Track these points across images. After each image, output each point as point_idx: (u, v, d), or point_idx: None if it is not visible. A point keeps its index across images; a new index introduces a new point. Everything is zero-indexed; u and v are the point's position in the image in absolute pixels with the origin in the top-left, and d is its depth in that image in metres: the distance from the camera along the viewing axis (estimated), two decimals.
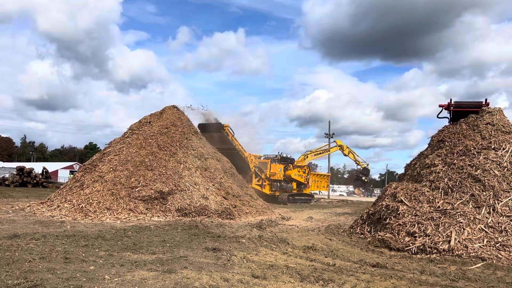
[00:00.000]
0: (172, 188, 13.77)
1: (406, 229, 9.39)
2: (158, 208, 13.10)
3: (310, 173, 30.99)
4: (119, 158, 14.76)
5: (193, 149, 16.15)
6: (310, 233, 11.32)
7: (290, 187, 28.22)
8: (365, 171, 31.68)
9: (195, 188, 14.26)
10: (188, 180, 14.49)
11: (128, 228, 10.21)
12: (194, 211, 13.23)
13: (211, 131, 20.37)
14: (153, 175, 14.00)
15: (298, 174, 28.70)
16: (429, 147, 12.36)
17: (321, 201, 35.29)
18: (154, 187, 13.55)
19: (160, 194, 13.42)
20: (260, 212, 15.97)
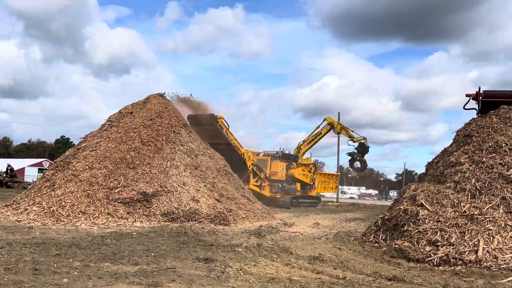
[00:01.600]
0: (157, 189, 13.78)
1: (427, 237, 9.43)
2: (141, 212, 13.11)
3: (316, 172, 31.08)
4: (96, 154, 14.76)
5: (181, 144, 16.17)
6: (317, 241, 11.36)
7: (293, 188, 28.30)
8: (361, 147, 29.95)
9: (184, 189, 14.28)
10: (176, 180, 14.51)
11: (107, 235, 10.22)
12: (182, 215, 13.26)
13: (202, 123, 20.36)
14: (136, 174, 14.01)
15: (303, 174, 28.78)
16: (454, 143, 12.40)
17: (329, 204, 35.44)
18: (137, 187, 13.56)
19: (143, 196, 13.43)
20: (258, 217, 16.02)
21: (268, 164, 26.79)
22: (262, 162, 26.54)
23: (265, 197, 25.56)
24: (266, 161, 26.95)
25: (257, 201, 17.58)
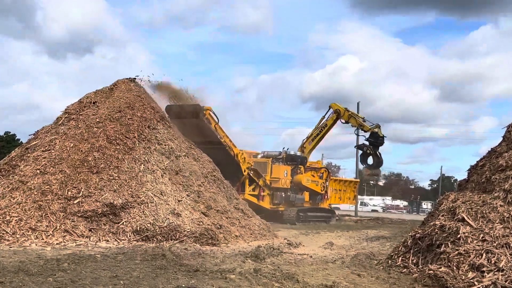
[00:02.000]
0: (127, 199, 13.78)
1: (469, 260, 9.45)
2: (107, 229, 13.10)
3: (329, 178, 31.15)
4: (50, 156, 14.74)
5: (158, 142, 16.18)
6: (330, 266, 11.37)
7: (300, 199, 28.33)
8: (374, 137, 29.74)
9: (161, 199, 14.28)
10: (151, 188, 14.51)
11: (64, 257, 10.21)
12: (160, 233, 13.26)
13: (185, 116, 20.35)
14: (100, 181, 14.00)
15: (312, 180, 28.82)
16: (504, 142, 12.42)
17: (346, 219, 35.46)
18: (102, 198, 13.56)
19: (110, 208, 13.43)
20: (256, 235, 16.03)
21: (269, 168, 26.80)
22: (261, 165, 26.55)
23: (265, 209, 25.54)
24: (266, 164, 26.95)
25: (254, 215, 17.57)
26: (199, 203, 15.01)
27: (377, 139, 29.59)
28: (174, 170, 15.62)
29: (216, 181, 16.98)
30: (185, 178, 15.60)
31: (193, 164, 16.46)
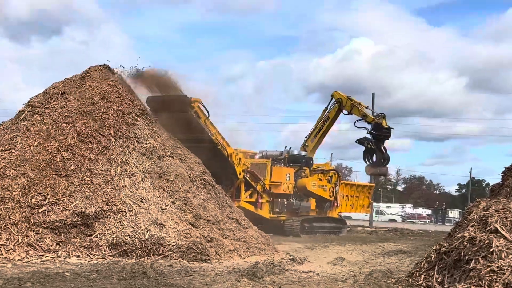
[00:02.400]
0: (102, 207, 13.78)
1: (504, 278, 9.46)
2: (78, 243, 13.09)
3: (339, 182, 31.15)
4: (10, 156, 14.73)
5: (138, 140, 16.19)
6: (340, 285, 11.37)
7: (305, 206, 28.31)
8: (377, 129, 29.69)
9: (141, 207, 14.28)
10: (130, 194, 14.51)
11: (27, 276, 10.19)
12: (140, 247, 13.24)
13: (170, 109, 20.31)
14: (70, 186, 14.00)
15: (319, 185, 28.81)
16: None
17: (359, 230, 35.46)
18: (71, 206, 13.55)
19: (81, 218, 13.42)
20: (253, 249, 16.03)
21: (268, 171, 26.77)
22: (259, 167, 26.53)
23: (264, 219, 25.51)
24: (265, 166, 26.92)
25: (251, 226, 17.56)
26: (186, 212, 14.99)
27: (381, 131, 29.53)
28: (156, 173, 15.59)
29: (206, 186, 16.96)
30: (169, 183, 15.57)
31: (179, 166, 16.43)
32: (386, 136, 29.78)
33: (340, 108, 29.98)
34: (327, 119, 30.39)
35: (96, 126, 15.71)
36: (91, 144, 15.21)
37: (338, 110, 30.21)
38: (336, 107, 30.15)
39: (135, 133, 16.32)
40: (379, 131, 29.39)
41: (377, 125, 29.35)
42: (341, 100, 29.93)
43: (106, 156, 15.16)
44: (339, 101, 30.00)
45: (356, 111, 29.67)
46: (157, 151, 16.28)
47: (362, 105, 29.99)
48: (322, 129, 30.52)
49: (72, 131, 15.38)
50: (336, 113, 30.30)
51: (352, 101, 29.88)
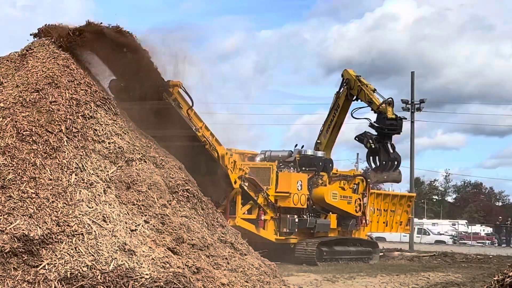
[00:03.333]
0: (51, 229, 13.71)
1: None
2: (20, 276, 13.02)
3: (369, 192, 31.15)
4: None
5: (99, 139, 16.16)
6: None
7: (323, 225, 28.36)
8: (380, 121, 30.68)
9: (104, 228, 14.25)
10: (89, 210, 14.48)
11: None
12: (103, 281, 13.20)
13: (141, 96, 20.33)
14: (8, 201, 13.91)
15: (342, 196, 28.85)
16: None
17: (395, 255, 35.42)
18: (10, 227, 13.48)
19: (23, 243, 13.33)
20: (255, 282, 16.04)
21: (273, 177, 26.82)
22: (261, 173, 26.61)
23: (269, 242, 25.56)
24: (269, 171, 26.99)
25: (251, 252, 17.57)
26: (164, 234, 14.97)
27: (384, 123, 29.72)
28: (124, 183, 15.58)
29: (190, 199, 16.96)
30: (141, 195, 15.55)
31: (153, 173, 16.44)
32: (392, 129, 30.04)
33: (350, 92, 30.31)
34: (338, 107, 30.67)
35: (42, 120, 15.60)
36: (35, 145, 15.07)
37: (347, 94, 30.51)
38: (345, 90, 30.48)
39: (94, 129, 16.25)
40: (382, 123, 29.66)
41: (380, 115, 29.63)
42: (349, 82, 30.31)
43: (56, 160, 15.06)
44: (346, 82, 30.38)
45: (362, 95, 30.04)
46: (124, 153, 16.24)
47: (369, 87, 30.27)
48: (333, 121, 30.79)
49: (9, 128, 15.27)
50: (346, 98, 30.61)
51: (360, 81, 30.19)
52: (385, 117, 29.67)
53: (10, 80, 16.67)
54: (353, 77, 30.60)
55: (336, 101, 31.43)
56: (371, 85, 30.77)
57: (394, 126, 30.16)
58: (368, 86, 30.44)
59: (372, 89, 30.55)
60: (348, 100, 31.42)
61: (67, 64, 17.37)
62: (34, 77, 16.67)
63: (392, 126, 30.06)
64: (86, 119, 16.34)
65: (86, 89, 17.03)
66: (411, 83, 53.01)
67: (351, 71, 31.52)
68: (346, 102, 31.30)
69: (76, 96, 16.60)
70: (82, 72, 17.69)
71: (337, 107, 31.21)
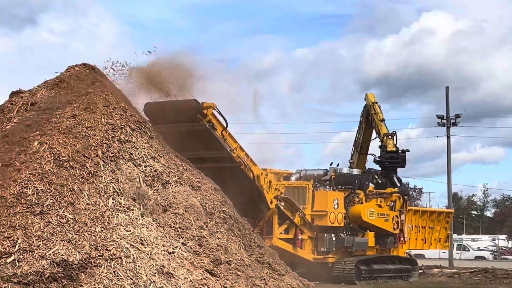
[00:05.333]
0: (89, 253, 13.78)
1: None
2: None
3: (406, 209, 30.90)
4: None
5: (135, 163, 16.29)
6: None
7: (361, 243, 28.17)
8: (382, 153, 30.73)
9: (142, 252, 14.31)
10: (127, 234, 14.55)
11: None
12: None
13: (176, 119, 20.42)
14: (46, 226, 14.01)
15: (379, 214, 28.65)
16: None
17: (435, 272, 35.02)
18: (50, 252, 13.56)
19: (63, 268, 13.40)
20: None
21: (309, 197, 26.72)
22: (297, 192, 26.53)
23: (306, 261, 25.45)
24: (305, 190, 26.90)
25: (288, 272, 17.50)
26: (202, 256, 14.98)
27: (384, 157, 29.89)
28: (160, 206, 15.63)
29: (227, 220, 16.94)
30: (178, 217, 15.59)
31: (190, 195, 16.46)
32: (393, 163, 30.06)
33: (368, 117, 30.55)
34: (362, 130, 30.86)
35: (79, 146, 15.75)
36: (73, 170, 15.20)
37: (367, 118, 30.67)
38: (364, 114, 30.67)
39: (130, 153, 16.37)
40: (383, 156, 29.85)
41: (382, 148, 29.83)
42: (367, 107, 30.49)
43: (93, 185, 15.16)
44: (365, 106, 30.57)
45: (374, 124, 30.26)
46: (160, 176, 16.31)
47: (379, 116, 30.38)
48: (359, 141, 30.87)
49: (47, 154, 15.39)
50: (366, 121, 30.73)
51: (375, 107, 30.39)
52: (384, 150, 29.93)
53: (47, 107, 16.82)
54: (370, 102, 30.77)
55: (360, 124, 31.62)
56: (382, 114, 30.86)
57: (395, 159, 30.32)
58: (378, 115, 30.56)
59: (381, 118, 30.66)
60: (369, 123, 31.55)
61: (103, 89, 17.51)
62: (71, 102, 16.81)
63: (392, 159, 30.24)
64: (122, 143, 16.44)
65: (122, 113, 17.16)
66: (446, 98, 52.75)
67: (371, 96, 31.75)
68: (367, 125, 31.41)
69: (111, 120, 16.73)
70: (117, 96, 17.84)
71: (361, 129, 31.40)
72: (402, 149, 30.93)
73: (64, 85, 17.39)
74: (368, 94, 31.99)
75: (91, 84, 17.51)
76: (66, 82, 17.49)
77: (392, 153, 30.31)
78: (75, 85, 17.34)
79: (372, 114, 30.88)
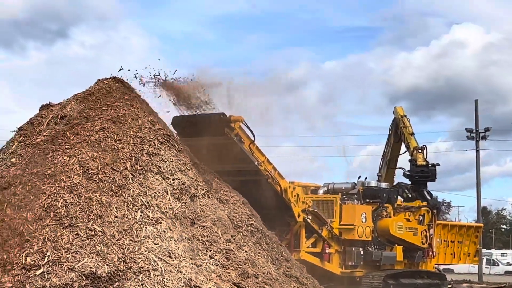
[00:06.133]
0: (118, 266, 13.83)
1: None
2: None
3: (435, 223, 30.70)
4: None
5: (163, 176, 16.32)
6: None
7: (389, 257, 27.97)
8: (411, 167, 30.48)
9: (170, 265, 14.32)
10: (155, 247, 14.57)
11: None
12: None
13: (203, 132, 20.48)
14: (75, 239, 14.10)
15: (408, 227, 28.46)
16: None
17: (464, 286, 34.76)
18: (78, 265, 13.62)
19: (91, 280, 13.44)
20: None
21: (337, 210, 26.57)
22: (325, 206, 26.38)
23: (334, 275, 25.32)
24: (333, 203, 26.74)
25: (316, 286, 17.47)
26: (230, 269, 14.97)
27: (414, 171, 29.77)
28: (188, 218, 15.66)
29: (254, 234, 16.94)
30: (206, 230, 15.60)
31: (217, 208, 16.48)
32: (424, 177, 29.90)
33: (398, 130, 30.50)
34: (390, 144, 30.78)
35: (107, 158, 15.85)
36: (101, 183, 15.29)
37: (395, 132, 30.60)
38: (393, 127, 30.59)
39: (158, 166, 16.40)
40: (413, 170, 29.71)
41: (411, 162, 29.73)
42: (396, 120, 30.42)
43: (121, 197, 15.24)
44: (394, 120, 30.50)
45: (403, 137, 30.17)
46: (188, 189, 16.33)
47: (408, 130, 30.29)
48: (388, 155, 30.76)
49: (76, 167, 15.52)
50: (394, 135, 30.66)
51: (404, 120, 30.28)
52: (414, 164, 29.82)
53: (76, 120, 16.94)
54: (399, 116, 30.72)
55: (389, 138, 31.57)
56: (411, 128, 30.83)
57: (425, 173, 30.17)
58: (407, 128, 30.53)
59: (411, 132, 30.63)
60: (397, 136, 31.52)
61: (131, 102, 17.60)
62: (100, 116, 16.94)
63: (422, 173, 30.10)
64: (150, 157, 16.49)
65: (150, 126, 17.23)
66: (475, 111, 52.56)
67: (400, 109, 31.66)
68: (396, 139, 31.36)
69: (140, 134, 16.81)
70: (145, 110, 17.93)
71: (390, 143, 31.33)
72: (433, 163, 30.71)
73: (93, 98, 17.49)
74: (397, 107, 31.92)
75: (120, 97, 17.62)
76: (95, 96, 17.58)
77: (422, 167, 30.21)
78: (104, 98, 17.45)
79: (402, 127, 30.78)
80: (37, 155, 16.04)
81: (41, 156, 15.96)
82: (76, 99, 17.70)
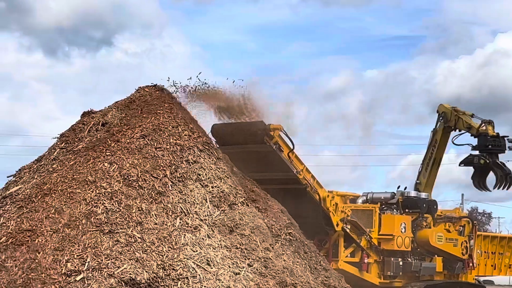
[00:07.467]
0: (157, 273, 13.86)
1: None
2: None
3: (475, 234, 30.42)
4: (37, 209, 15.04)
5: (202, 183, 16.31)
6: None
7: (429, 268, 27.71)
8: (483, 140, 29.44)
9: (208, 272, 14.32)
10: (193, 254, 14.58)
11: None
12: None
13: (243, 140, 20.51)
14: (115, 245, 14.18)
15: (448, 238, 28.18)
16: None
17: None
18: (118, 271, 13.68)
19: (130, 287, 13.50)
20: None
21: (376, 220, 26.42)
22: (364, 215, 26.25)
23: (372, 285, 25.14)
24: (372, 213, 26.58)
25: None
26: (268, 278, 14.92)
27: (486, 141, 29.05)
28: (227, 226, 15.64)
29: (293, 243, 16.88)
30: (244, 239, 15.58)
31: (256, 216, 16.44)
32: (497, 146, 29.33)
33: (447, 125, 29.94)
34: (436, 142, 30.29)
35: (147, 166, 15.92)
36: (141, 190, 15.37)
37: (445, 128, 30.09)
38: (441, 125, 30.08)
39: (198, 173, 16.42)
40: (484, 141, 29.02)
41: (482, 136, 29.05)
42: (446, 116, 29.87)
43: (161, 205, 15.28)
44: (443, 116, 29.97)
45: (460, 124, 29.53)
46: (227, 197, 16.32)
47: (467, 114, 29.78)
48: (432, 157, 30.34)
49: (116, 174, 15.62)
50: (443, 132, 30.19)
51: (458, 112, 29.69)
52: (486, 134, 29.19)
53: (117, 127, 17.06)
54: (449, 109, 30.23)
55: (433, 138, 31.07)
56: (468, 111, 30.40)
57: (498, 142, 29.58)
58: (465, 113, 30.08)
59: (470, 114, 30.16)
60: (445, 134, 31.02)
61: (171, 110, 17.66)
62: (140, 123, 17.05)
63: (495, 142, 29.51)
64: (190, 164, 16.53)
65: (190, 134, 17.27)
66: None
67: (447, 104, 31.23)
68: (444, 137, 30.81)
69: (180, 141, 16.85)
70: (185, 117, 17.99)
71: (435, 142, 30.79)
72: (499, 135, 30.14)
73: (134, 106, 17.59)
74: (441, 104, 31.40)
75: (160, 105, 17.69)
76: (136, 103, 17.68)
77: (494, 137, 29.62)
78: (145, 106, 17.55)
79: (457, 115, 30.10)
80: (78, 161, 16.16)
81: (82, 162, 16.09)
82: (117, 106, 17.83)
